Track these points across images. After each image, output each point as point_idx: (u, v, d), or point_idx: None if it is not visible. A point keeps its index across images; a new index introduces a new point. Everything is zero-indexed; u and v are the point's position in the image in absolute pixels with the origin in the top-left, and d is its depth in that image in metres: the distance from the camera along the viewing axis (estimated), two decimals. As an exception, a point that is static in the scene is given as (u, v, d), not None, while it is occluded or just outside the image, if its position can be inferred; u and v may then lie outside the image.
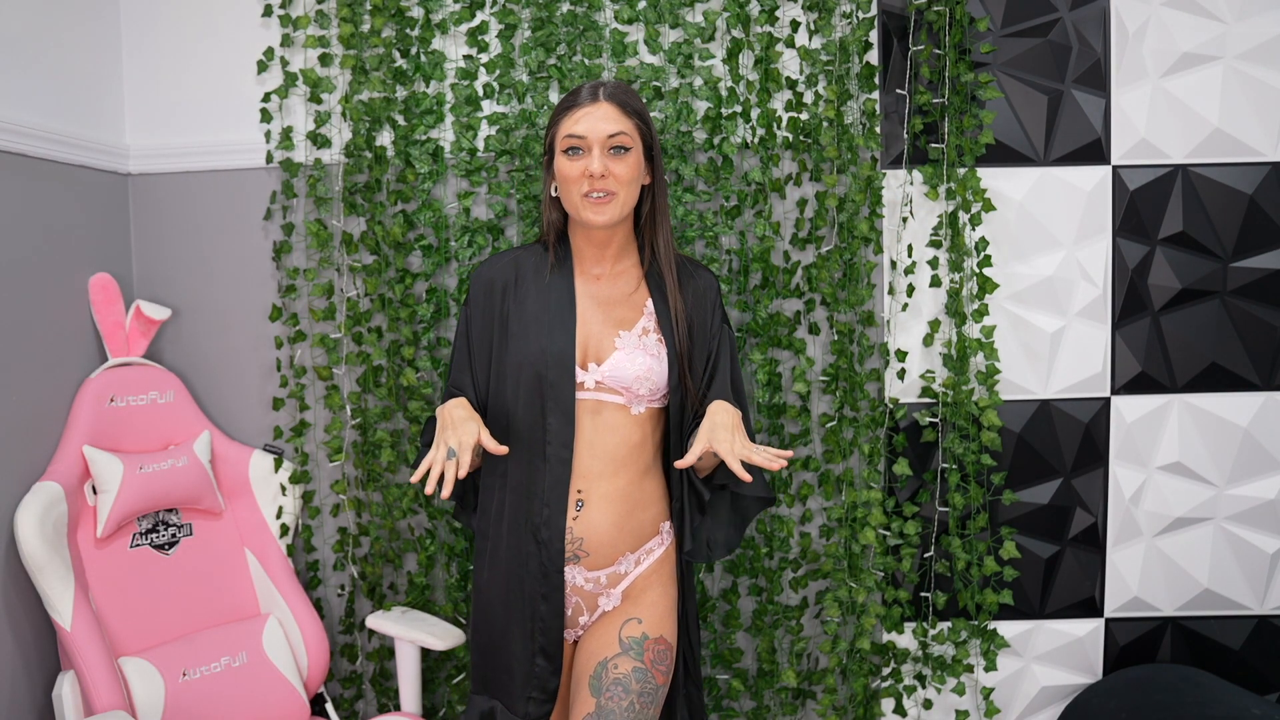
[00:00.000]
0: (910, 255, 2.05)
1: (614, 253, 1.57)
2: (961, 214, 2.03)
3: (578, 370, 1.50)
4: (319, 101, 2.02)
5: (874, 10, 2.01)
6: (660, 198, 1.57)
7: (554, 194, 1.57)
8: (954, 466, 2.06)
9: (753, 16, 2.00)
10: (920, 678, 2.13)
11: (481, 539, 1.59)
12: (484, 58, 2.04)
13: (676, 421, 1.55)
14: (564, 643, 1.56)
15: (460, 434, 1.39)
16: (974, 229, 2.04)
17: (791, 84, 2.01)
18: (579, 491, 1.51)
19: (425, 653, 2.09)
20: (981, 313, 2.04)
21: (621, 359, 1.50)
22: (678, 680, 1.59)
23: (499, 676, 1.55)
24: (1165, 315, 2.09)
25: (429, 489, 1.31)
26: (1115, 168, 2.06)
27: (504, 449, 1.38)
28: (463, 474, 1.34)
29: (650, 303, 1.56)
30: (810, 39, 2.02)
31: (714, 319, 1.59)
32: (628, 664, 1.46)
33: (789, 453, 1.33)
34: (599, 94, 1.48)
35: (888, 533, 2.06)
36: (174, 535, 1.90)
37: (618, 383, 1.50)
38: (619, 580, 1.54)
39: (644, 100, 1.56)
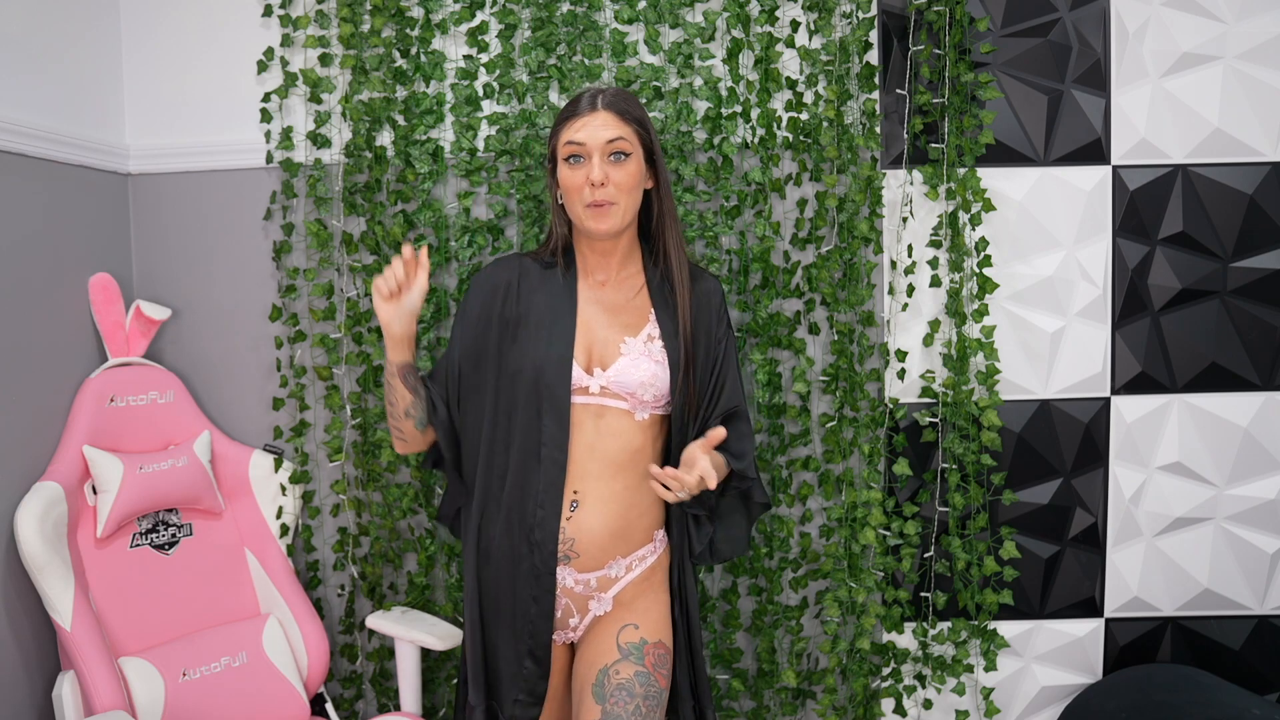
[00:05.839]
0: (910, 255, 2.05)
1: (619, 259, 1.58)
2: (961, 214, 2.03)
3: (583, 375, 1.50)
4: (319, 101, 2.02)
5: (874, 10, 2.01)
6: (666, 201, 1.57)
7: (560, 202, 1.57)
8: (954, 466, 2.06)
9: (753, 16, 2.00)
10: (920, 678, 2.13)
11: (465, 538, 1.58)
12: (484, 58, 2.04)
13: (678, 428, 1.55)
14: (553, 646, 1.56)
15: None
16: (974, 229, 2.04)
17: (791, 84, 2.01)
18: (575, 492, 1.51)
19: (425, 653, 2.09)
20: (981, 313, 2.04)
21: (626, 365, 1.51)
22: (681, 693, 1.60)
23: (488, 676, 1.56)
24: (1165, 315, 2.09)
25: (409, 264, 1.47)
26: (1115, 168, 2.06)
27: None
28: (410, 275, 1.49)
29: (653, 309, 1.56)
30: (810, 39, 2.02)
31: (719, 327, 1.59)
32: (629, 669, 1.47)
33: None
34: (598, 102, 1.49)
35: (888, 533, 2.06)
36: (174, 535, 1.90)
37: (622, 388, 1.50)
38: (610, 585, 1.54)
39: (643, 102, 1.56)
